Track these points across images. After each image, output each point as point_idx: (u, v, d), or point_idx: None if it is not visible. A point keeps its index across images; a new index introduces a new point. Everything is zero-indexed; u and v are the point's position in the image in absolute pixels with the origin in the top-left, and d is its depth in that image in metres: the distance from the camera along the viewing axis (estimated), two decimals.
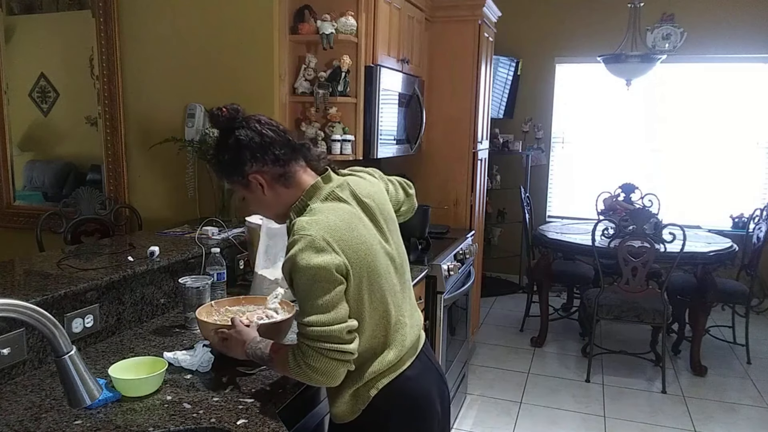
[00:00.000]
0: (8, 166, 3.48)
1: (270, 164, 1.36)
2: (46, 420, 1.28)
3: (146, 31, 2.95)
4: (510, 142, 5.58)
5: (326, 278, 1.25)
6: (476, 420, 3.25)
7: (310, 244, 1.25)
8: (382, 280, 1.37)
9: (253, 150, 1.35)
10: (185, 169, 2.89)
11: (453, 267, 2.85)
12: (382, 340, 1.39)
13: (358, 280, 1.31)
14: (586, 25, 5.45)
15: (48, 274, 1.79)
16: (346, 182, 1.42)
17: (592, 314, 3.80)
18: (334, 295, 1.26)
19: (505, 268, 5.86)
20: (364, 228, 1.36)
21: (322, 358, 1.26)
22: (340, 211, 1.34)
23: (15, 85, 3.39)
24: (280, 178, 1.38)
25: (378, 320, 1.38)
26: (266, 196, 1.39)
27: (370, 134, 2.89)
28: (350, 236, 1.31)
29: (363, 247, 1.33)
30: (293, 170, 1.39)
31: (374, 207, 1.43)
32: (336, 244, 1.27)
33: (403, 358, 1.42)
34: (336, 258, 1.26)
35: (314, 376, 1.28)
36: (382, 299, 1.37)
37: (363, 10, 2.79)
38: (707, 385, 3.74)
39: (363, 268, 1.32)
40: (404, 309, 1.47)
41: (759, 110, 5.23)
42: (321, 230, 1.27)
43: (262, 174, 1.37)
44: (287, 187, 1.39)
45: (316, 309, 1.25)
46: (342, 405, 1.39)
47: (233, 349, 1.50)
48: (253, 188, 1.39)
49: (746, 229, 4.56)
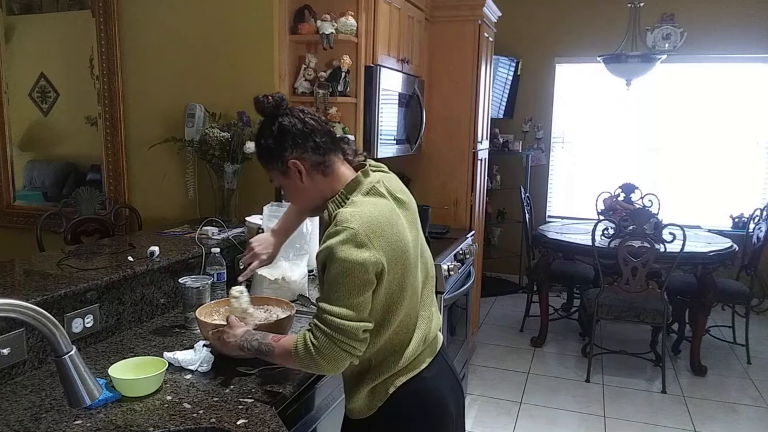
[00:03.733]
0: (8, 166, 3.48)
1: (310, 151, 1.38)
2: (46, 420, 1.28)
3: (146, 31, 2.95)
4: (510, 142, 5.58)
5: (360, 275, 1.26)
6: (476, 420, 3.25)
7: (352, 238, 1.26)
8: (412, 278, 1.39)
9: (295, 136, 1.37)
10: (185, 169, 2.89)
11: (453, 267, 2.85)
12: (403, 336, 1.41)
13: (392, 278, 1.33)
14: (586, 25, 5.45)
15: (48, 274, 1.79)
16: (381, 179, 1.44)
17: (592, 314, 3.80)
18: (362, 292, 1.28)
19: (505, 268, 5.86)
20: (401, 224, 1.38)
21: (334, 347, 1.28)
22: (382, 206, 1.36)
23: (15, 85, 3.39)
24: (318, 166, 1.39)
25: (404, 317, 1.39)
26: (303, 183, 1.40)
27: (370, 134, 2.89)
28: (390, 232, 1.32)
29: (400, 245, 1.34)
30: (332, 160, 1.40)
31: (406, 201, 1.46)
32: (377, 241, 1.29)
33: (421, 356, 1.44)
34: (374, 255, 1.27)
35: (321, 362, 1.29)
36: (411, 296, 1.39)
37: (363, 10, 2.79)
38: (707, 385, 3.74)
39: (398, 265, 1.34)
40: (427, 307, 1.49)
41: (759, 110, 5.23)
42: (364, 224, 1.28)
43: (302, 160, 1.38)
44: (325, 176, 1.40)
45: (343, 302, 1.27)
46: (359, 400, 1.41)
47: (227, 345, 1.50)
48: (292, 175, 1.40)
49: (746, 229, 4.56)
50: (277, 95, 1.41)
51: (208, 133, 2.62)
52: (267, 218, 2.23)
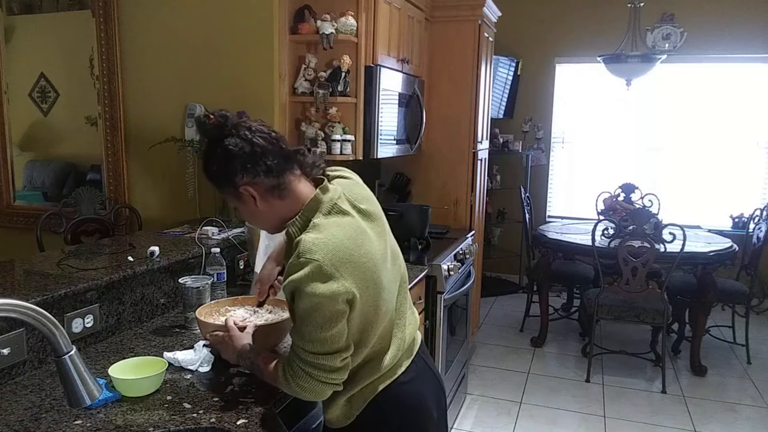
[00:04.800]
0: (8, 166, 3.48)
1: (262, 175, 1.28)
2: (46, 420, 1.28)
3: (146, 31, 2.95)
4: (510, 142, 5.58)
5: (330, 308, 1.20)
6: (476, 420, 3.25)
7: (318, 271, 1.18)
8: (386, 293, 1.34)
9: (244, 160, 1.27)
10: (185, 169, 2.89)
11: (453, 267, 2.85)
12: (380, 346, 1.38)
13: (365, 300, 1.27)
14: (586, 25, 5.45)
15: (48, 274, 1.79)
16: (342, 191, 1.34)
17: (592, 314, 3.80)
18: (335, 324, 1.22)
19: (505, 268, 5.86)
20: (368, 241, 1.30)
21: (311, 380, 1.26)
22: (346, 226, 1.28)
23: (15, 85, 3.39)
24: (273, 189, 1.29)
25: (381, 332, 1.36)
26: (259, 208, 1.31)
27: (370, 134, 2.89)
28: (358, 254, 1.25)
29: (370, 264, 1.27)
30: (287, 180, 1.30)
31: (371, 211, 1.38)
32: (344, 269, 1.21)
33: (398, 360, 1.41)
34: (343, 285, 1.20)
35: (302, 393, 1.29)
36: (386, 311, 1.35)
37: (363, 10, 2.79)
38: (707, 385, 3.74)
39: (370, 286, 1.27)
40: (403, 311, 1.45)
41: (759, 110, 5.23)
42: (329, 253, 1.20)
43: (254, 186, 1.29)
44: (282, 199, 1.31)
45: (314, 337, 1.23)
46: (336, 410, 1.39)
47: (225, 353, 1.51)
48: (246, 200, 1.31)
49: (746, 229, 4.56)
50: (219, 113, 1.31)
51: None
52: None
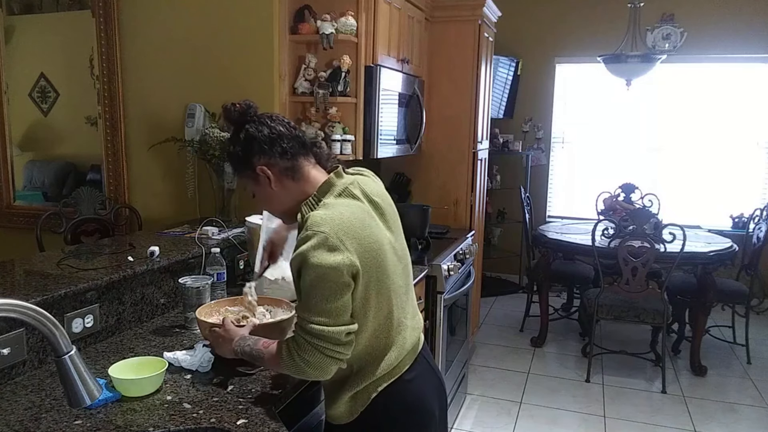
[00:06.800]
0: (8, 166, 3.47)
1: (277, 156, 1.37)
2: (46, 420, 1.28)
3: (146, 31, 2.95)
4: (510, 142, 5.59)
5: (335, 279, 1.25)
6: (476, 420, 3.25)
7: (324, 242, 1.24)
8: (389, 281, 1.37)
9: (261, 142, 1.37)
10: (185, 169, 2.89)
11: (453, 267, 2.85)
12: (384, 341, 1.39)
13: (367, 280, 1.31)
14: (586, 25, 5.45)
15: (48, 274, 1.79)
16: (356, 181, 1.42)
17: (592, 314, 3.80)
18: (340, 296, 1.26)
19: (505, 268, 5.86)
20: (375, 225, 1.37)
21: (318, 353, 1.27)
22: (354, 207, 1.35)
23: (15, 85, 3.39)
24: (287, 171, 1.39)
25: (382, 321, 1.38)
26: (274, 189, 1.40)
27: (370, 134, 2.89)
28: (363, 234, 1.31)
29: (375, 246, 1.33)
30: (301, 164, 1.40)
31: (384, 206, 1.44)
32: (349, 242, 1.27)
33: (403, 360, 1.42)
34: (348, 257, 1.26)
35: (307, 369, 1.29)
36: (387, 299, 1.38)
37: (363, 10, 2.79)
38: (707, 385, 3.74)
39: (373, 267, 1.32)
40: (407, 311, 1.47)
41: (759, 110, 5.23)
42: (335, 227, 1.27)
43: (270, 166, 1.38)
44: (295, 181, 1.40)
45: (320, 309, 1.26)
46: (341, 407, 1.39)
47: (221, 348, 1.50)
48: (261, 181, 1.40)
49: (746, 229, 4.56)
50: (245, 102, 1.42)
51: (208, 133, 2.62)
52: (267, 218, 2.22)
